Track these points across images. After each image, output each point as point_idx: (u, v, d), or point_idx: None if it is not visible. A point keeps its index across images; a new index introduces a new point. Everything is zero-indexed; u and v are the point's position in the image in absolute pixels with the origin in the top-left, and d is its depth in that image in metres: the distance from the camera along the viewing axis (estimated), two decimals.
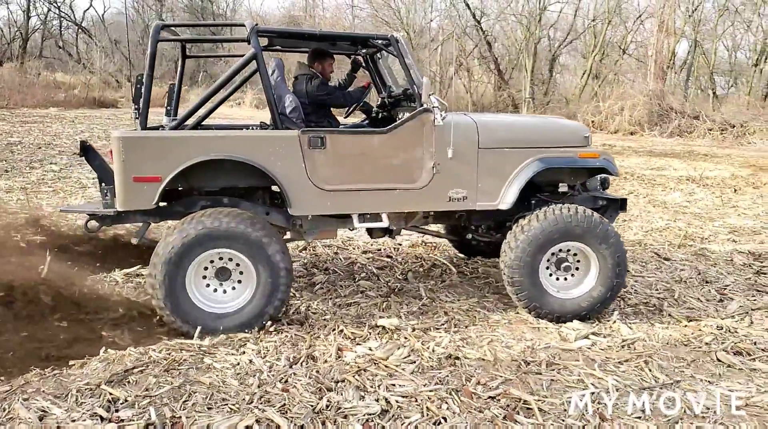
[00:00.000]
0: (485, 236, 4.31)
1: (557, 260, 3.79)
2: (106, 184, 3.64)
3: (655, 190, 8.99)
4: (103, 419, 2.57)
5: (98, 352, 3.17)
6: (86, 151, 3.75)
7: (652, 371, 3.14)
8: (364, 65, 4.53)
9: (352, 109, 4.47)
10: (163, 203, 3.60)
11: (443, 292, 4.33)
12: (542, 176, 3.86)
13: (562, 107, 22.22)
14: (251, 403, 2.73)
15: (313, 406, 2.71)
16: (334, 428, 2.57)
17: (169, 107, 4.30)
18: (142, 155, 3.31)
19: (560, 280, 3.83)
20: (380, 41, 3.92)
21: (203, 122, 3.69)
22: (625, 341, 3.51)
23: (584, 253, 3.77)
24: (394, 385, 2.93)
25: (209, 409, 2.68)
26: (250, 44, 3.47)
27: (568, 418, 2.68)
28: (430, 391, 2.86)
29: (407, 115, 3.69)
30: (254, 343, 3.33)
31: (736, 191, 8.88)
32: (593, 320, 3.80)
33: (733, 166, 11.55)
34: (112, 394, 2.75)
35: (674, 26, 20.49)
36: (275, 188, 3.68)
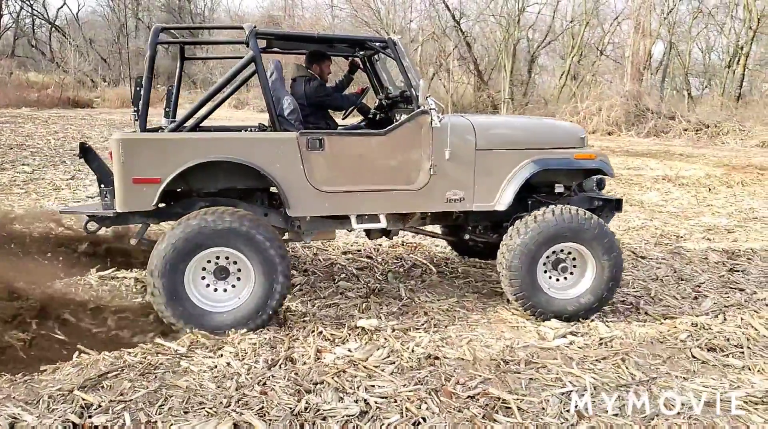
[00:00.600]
0: (482, 237, 4.32)
1: (554, 261, 3.81)
2: (105, 185, 3.66)
3: (632, 189, 9.11)
4: (75, 425, 2.51)
5: (71, 356, 3.11)
6: (85, 152, 3.74)
7: (629, 369, 3.17)
8: (361, 67, 4.54)
9: (350, 111, 4.47)
10: (162, 205, 3.58)
11: (423, 292, 4.33)
12: (539, 177, 3.88)
13: (540, 108, 22.43)
14: (229, 406, 2.69)
15: (291, 408, 2.68)
16: None
17: (167, 109, 4.29)
18: (141, 157, 3.31)
19: (559, 280, 3.84)
20: (378, 43, 3.95)
21: (201, 124, 3.70)
22: (602, 339, 3.55)
23: (581, 253, 3.79)
24: (373, 386, 2.92)
25: (186, 413, 2.64)
26: (248, 47, 3.46)
27: (546, 416, 2.70)
28: (409, 391, 2.86)
29: (404, 116, 3.71)
30: (232, 345, 3.29)
31: (710, 190, 9.05)
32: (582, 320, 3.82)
33: (707, 165, 11.77)
34: (85, 399, 2.69)
35: (650, 28, 20.80)
36: (274, 190, 3.67)
